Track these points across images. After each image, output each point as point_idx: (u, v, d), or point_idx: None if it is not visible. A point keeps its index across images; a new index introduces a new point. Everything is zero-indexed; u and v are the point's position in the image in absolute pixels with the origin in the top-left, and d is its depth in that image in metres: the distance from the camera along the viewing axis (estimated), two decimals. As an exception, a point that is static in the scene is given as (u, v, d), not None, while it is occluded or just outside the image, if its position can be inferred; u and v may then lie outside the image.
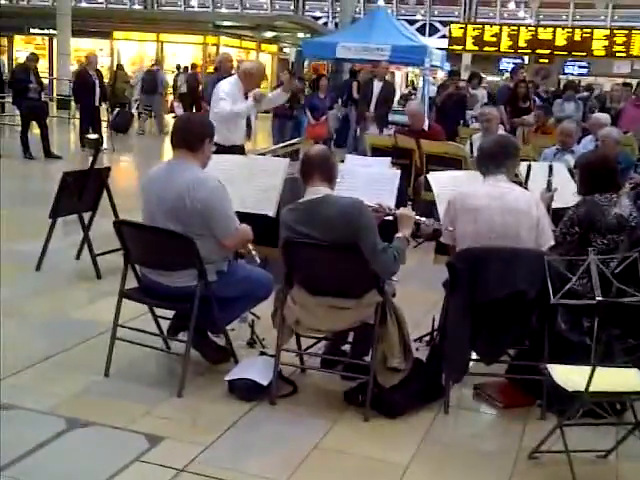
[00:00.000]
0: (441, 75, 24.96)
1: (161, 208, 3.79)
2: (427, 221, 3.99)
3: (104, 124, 14.31)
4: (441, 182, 4.61)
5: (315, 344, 4.21)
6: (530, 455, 3.34)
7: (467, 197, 3.87)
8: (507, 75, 23.95)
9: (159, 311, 4.20)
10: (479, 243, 3.74)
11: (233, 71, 8.22)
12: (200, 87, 16.40)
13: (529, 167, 4.87)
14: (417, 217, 3.90)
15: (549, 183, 4.58)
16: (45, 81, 14.79)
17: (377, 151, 7.65)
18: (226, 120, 6.21)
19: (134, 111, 17.91)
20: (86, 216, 5.89)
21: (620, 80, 17.73)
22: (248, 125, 6.64)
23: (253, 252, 3.98)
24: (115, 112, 16.31)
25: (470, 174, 4.99)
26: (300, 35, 27.64)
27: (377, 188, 4.18)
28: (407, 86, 29.36)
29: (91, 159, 6.15)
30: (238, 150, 6.20)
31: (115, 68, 19.46)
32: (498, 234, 3.73)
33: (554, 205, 4.55)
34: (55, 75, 22.54)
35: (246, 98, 6.46)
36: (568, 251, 4.00)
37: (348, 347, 4.13)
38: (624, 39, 18.74)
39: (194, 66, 20.66)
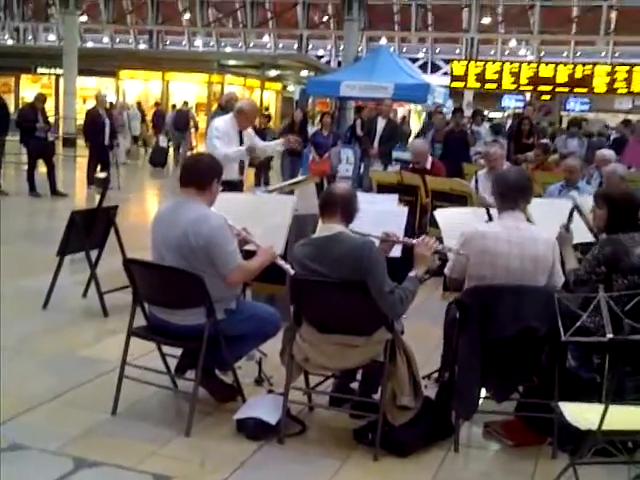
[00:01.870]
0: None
1: (167, 246, 3.82)
2: (449, 248, 3.95)
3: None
4: (447, 218, 4.62)
5: (323, 382, 4.19)
6: (542, 495, 3.31)
7: (486, 239, 3.80)
8: (509, 112, 24.15)
9: (167, 349, 4.19)
10: None
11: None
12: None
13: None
14: (438, 246, 3.86)
15: (568, 224, 4.48)
16: (51, 119, 14.91)
17: (383, 188, 7.69)
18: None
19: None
20: (93, 254, 5.92)
21: (622, 116, 17.84)
22: (241, 162, 6.71)
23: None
24: (151, 149, 19.13)
25: (476, 210, 5.00)
26: (304, 73, 27.93)
27: (385, 225, 4.18)
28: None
29: (99, 197, 6.18)
30: (234, 186, 6.25)
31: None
32: (515, 280, 3.72)
33: None
34: (61, 114, 22.76)
35: (240, 135, 6.56)
36: (593, 290, 3.93)
37: (356, 385, 4.11)
38: (625, 75, 18.84)
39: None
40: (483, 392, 3.86)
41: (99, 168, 12.94)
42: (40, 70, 28.57)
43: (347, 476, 3.44)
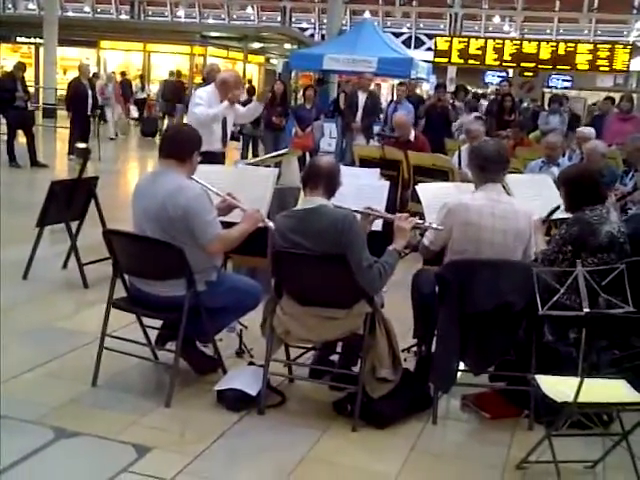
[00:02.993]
0: (426, 88, 25.14)
1: (147, 217, 3.81)
2: (430, 223, 3.96)
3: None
4: (429, 193, 4.63)
5: (303, 354, 4.21)
6: (518, 465, 3.36)
7: (470, 211, 3.82)
8: (492, 88, 24.17)
9: (147, 321, 4.19)
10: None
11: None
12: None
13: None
14: (417, 221, 3.89)
15: (548, 217, 4.48)
16: (31, 90, 14.73)
17: (365, 162, 7.68)
18: (201, 125, 6.25)
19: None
20: (73, 225, 5.89)
21: (603, 94, 17.89)
22: (224, 132, 6.68)
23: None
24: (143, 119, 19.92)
25: (458, 186, 5.02)
26: (287, 46, 27.70)
27: (366, 199, 4.19)
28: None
29: (79, 168, 6.14)
30: (215, 157, 6.22)
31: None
32: (498, 254, 3.76)
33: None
34: (41, 84, 22.47)
35: None
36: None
37: (336, 357, 4.14)
38: (607, 53, 18.86)
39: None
40: (461, 365, 3.90)
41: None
42: (20, 39, 28.08)
43: (326, 446, 3.47)
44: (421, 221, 3.97)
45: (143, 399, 3.82)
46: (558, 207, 4.34)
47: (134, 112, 21.03)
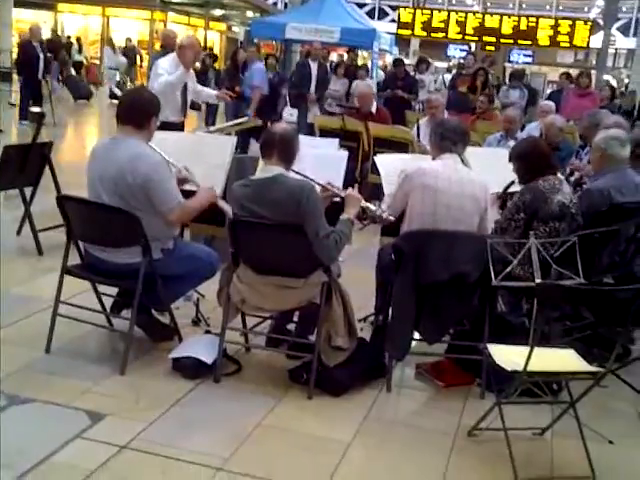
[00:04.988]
0: (389, 60, 25.08)
1: (104, 184, 3.75)
2: (372, 207, 3.98)
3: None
4: (388, 165, 4.64)
5: (260, 323, 4.22)
6: (469, 432, 3.43)
7: (427, 175, 3.88)
8: (455, 61, 24.22)
9: (102, 288, 4.15)
10: (436, 224, 3.82)
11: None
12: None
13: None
14: (363, 203, 3.90)
15: (504, 192, 4.55)
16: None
17: (325, 133, 7.66)
18: (162, 93, 6.20)
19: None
20: (28, 191, 5.79)
21: (563, 69, 18.06)
22: (184, 101, 6.64)
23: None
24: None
25: (417, 157, 5.04)
26: (249, 14, 27.40)
27: (325, 169, 4.18)
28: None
29: (33, 133, 6.02)
30: (174, 127, 6.18)
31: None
32: (455, 219, 3.81)
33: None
34: (-5, 46, 21.90)
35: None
36: (513, 237, 4.06)
37: (293, 326, 4.16)
38: (568, 29, 18.98)
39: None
40: (416, 335, 3.95)
41: (31, 102, 12.56)
42: (-27, 0, 27.32)
43: (282, 414, 3.49)
44: (370, 206, 3.94)
45: (97, 366, 3.80)
46: (513, 182, 4.42)
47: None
